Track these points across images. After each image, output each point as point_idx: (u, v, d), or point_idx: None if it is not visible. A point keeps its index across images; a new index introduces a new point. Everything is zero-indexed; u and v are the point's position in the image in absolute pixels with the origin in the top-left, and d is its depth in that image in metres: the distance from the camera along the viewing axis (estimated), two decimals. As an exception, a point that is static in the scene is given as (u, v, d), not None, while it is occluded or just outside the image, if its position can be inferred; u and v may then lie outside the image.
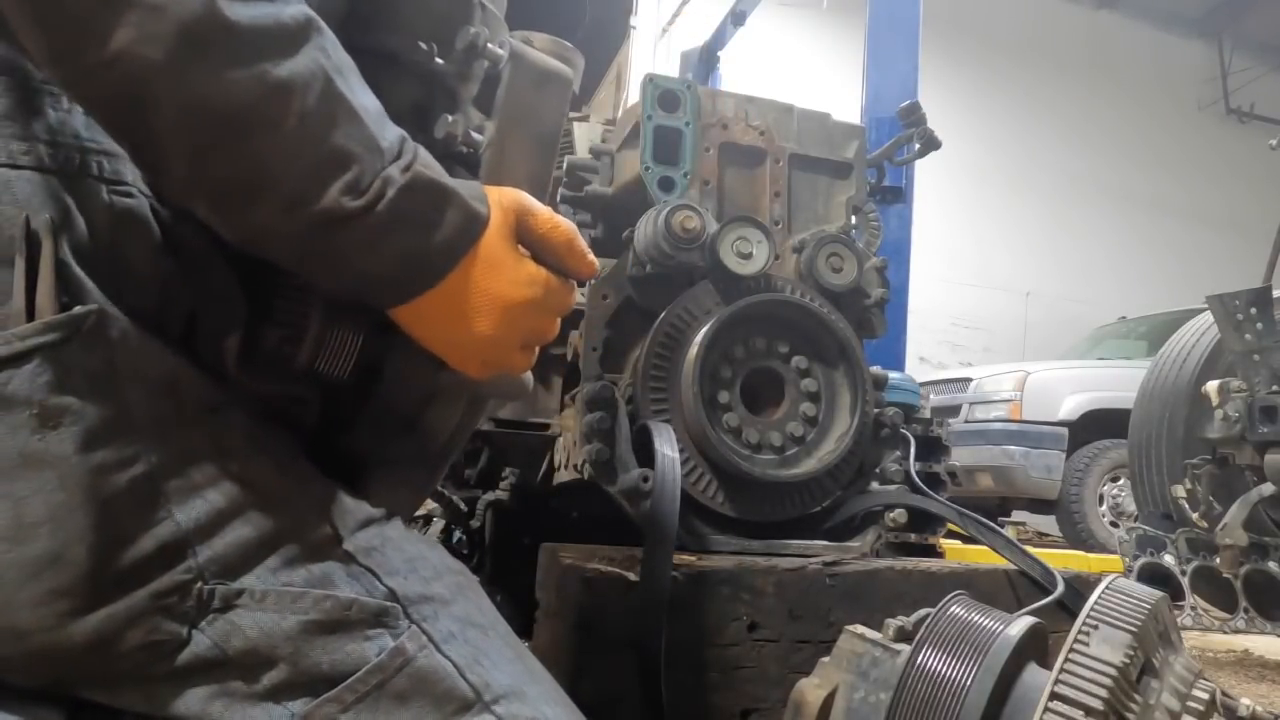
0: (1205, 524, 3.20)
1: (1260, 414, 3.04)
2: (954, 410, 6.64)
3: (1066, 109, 12.88)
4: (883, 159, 2.34)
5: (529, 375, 0.88)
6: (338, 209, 0.63)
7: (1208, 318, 3.55)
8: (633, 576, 1.30)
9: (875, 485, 1.78)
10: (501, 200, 0.74)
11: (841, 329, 1.70)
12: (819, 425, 1.69)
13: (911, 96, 3.81)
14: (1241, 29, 13.98)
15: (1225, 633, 3.10)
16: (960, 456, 6.14)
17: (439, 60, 0.80)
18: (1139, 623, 0.83)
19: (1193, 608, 3.10)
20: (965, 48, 11.79)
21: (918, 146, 2.32)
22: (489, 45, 0.83)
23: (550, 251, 0.77)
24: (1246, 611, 3.05)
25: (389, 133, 0.67)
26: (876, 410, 1.76)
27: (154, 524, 0.63)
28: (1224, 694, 0.87)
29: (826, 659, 0.98)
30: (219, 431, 0.67)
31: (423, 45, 0.79)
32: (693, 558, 1.43)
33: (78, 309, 0.61)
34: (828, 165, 1.86)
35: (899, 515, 1.75)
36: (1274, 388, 3.05)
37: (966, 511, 1.73)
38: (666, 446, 1.43)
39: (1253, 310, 3.12)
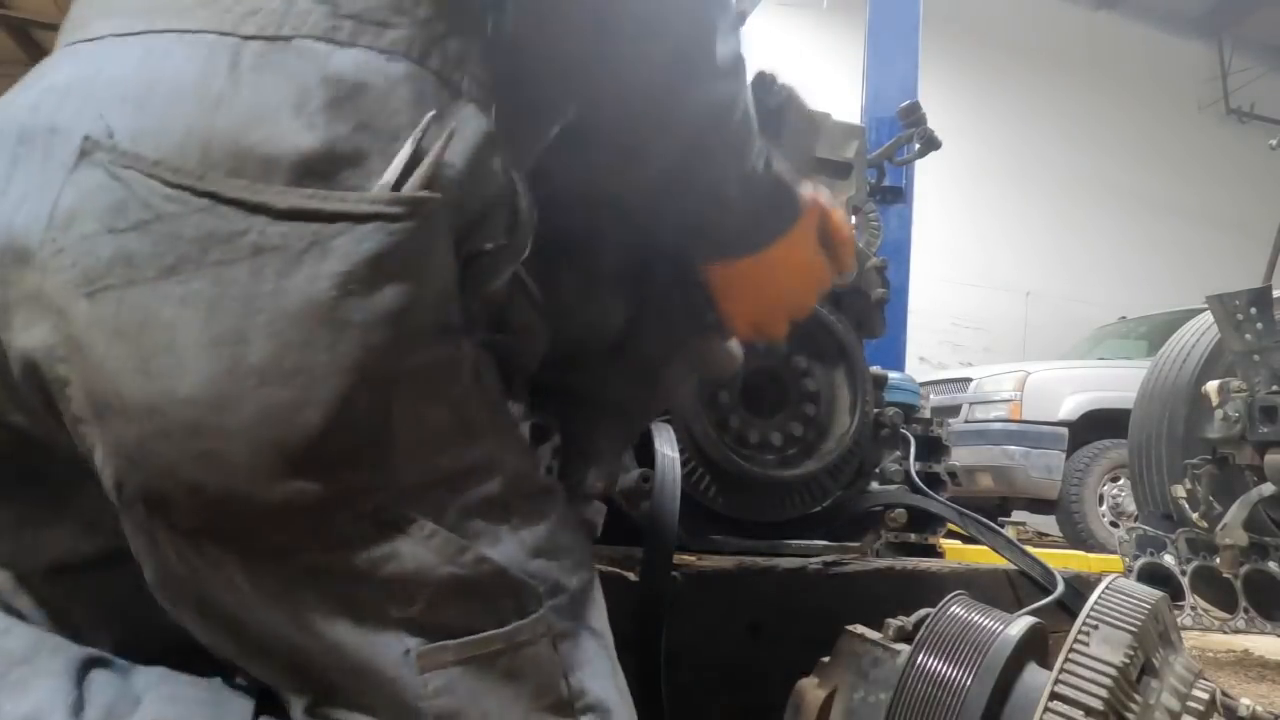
0: (1205, 524, 3.20)
1: (1260, 414, 3.03)
2: (954, 410, 6.63)
3: (1066, 109, 12.87)
4: (883, 159, 2.34)
5: (740, 353, 1.04)
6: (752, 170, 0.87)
7: (1208, 318, 3.54)
8: (633, 576, 1.30)
9: (875, 485, 1.78)
10: (813, 198, 0.95)
11: (841, 329, 1.70)
12: (819, 425, 1.69)
13: (911, 96, 3.81)
14: (1241, 29, 13.98)
15: (1225, 633, 3.09)
16: (960, 456, 6.13)
17: None
18: (1139, 623, 0.83)
19: (1193, 608, 3.10)
20: (965, 48, 11.79)
21: (918, 146, 2.32)
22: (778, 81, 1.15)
23: (834, 245, 0.98)
24: (1246, 611, 3.05)
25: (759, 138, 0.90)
26: (876, 410, 1.76)
27: (374, 424, 0.63)
28: (1224, 694, 0.87)
29: (826, 659, 0.98)
30: (457, 358, 0.69)
31: None
32: (693, 558, 1.43)
33: (424, 193, 0.63)
34: (828, 165, 1.86)
35: (899, 515, 1.75)
36: (1274, 388, 3.05)
37: (966, 511, 1.73)
38: (666, 446, 1.43)
39: (1253, 310, 3.11)
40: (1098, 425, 6.22)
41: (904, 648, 0.91)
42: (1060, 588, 1.48)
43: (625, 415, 1.02)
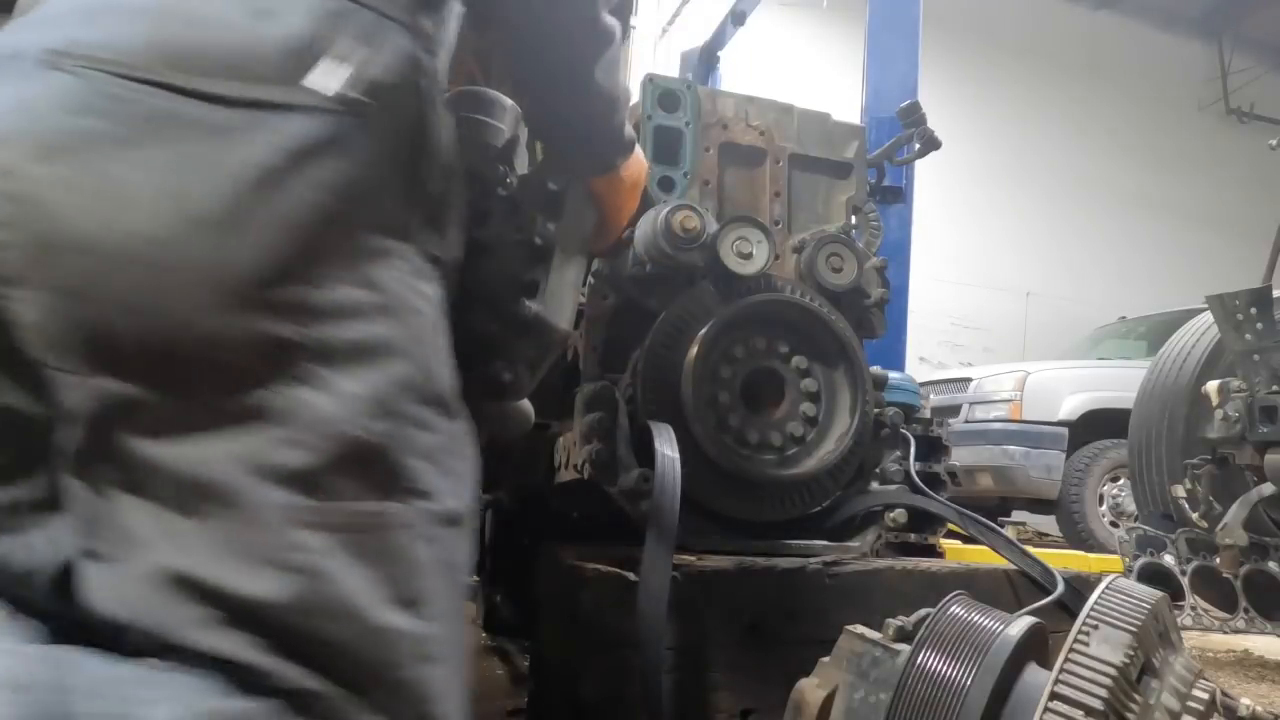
0: (1205, 524, 3.20)
1: (1260, 414, 3.04)
2: (954, 410, 6.63)
3: (1066, 109, 12.87)
4: (883, 159, 2.34)
5: (531, 412, 1.12)
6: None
7: (1208, 318, 3.54)
8: (633, 576, 1.30)
9: (875, 485, 1.78)
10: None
11: (841, 329, 1.70)
12: (819, 425, 1.69)
13: (911, 96, 3.81)
14: (1241, 29, 13.97)
15: (1225, 633, 3.09)
16: (960, 456, 6.13)
17: (508, 179, 1.06)
18: (1139, 623, 0.83)
19: (1193, 608, 3.10)
20: (965, 48, 11.78)
21: (918, 146, 2.32)
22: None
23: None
24: (1246, 611, 3.05)
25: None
26: (876, 410, 1.76)
27: (307, 286, 0.69)
28: (1224, 694, 0.87)
29: (826, 659, 0.98)
30: (401, 257, 0.76)
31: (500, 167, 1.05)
32: (693, 558, 1.43)
33: (362, 96, 0.72)
34: (828, 165, 1.86)
35: (899, 515, 1.75)
36: (1274, 388, 3.05)
37: (966, 511, 1.73)
38: (666, 446, 1.43)
39: (1253, 310, 3.11)
40: (1098, 425, 6.21)
41: (904, 648, 0.91)
42: (1060, 588, 1.48)
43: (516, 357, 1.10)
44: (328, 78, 0.72)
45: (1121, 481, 6.04)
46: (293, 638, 0.65)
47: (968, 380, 6.85)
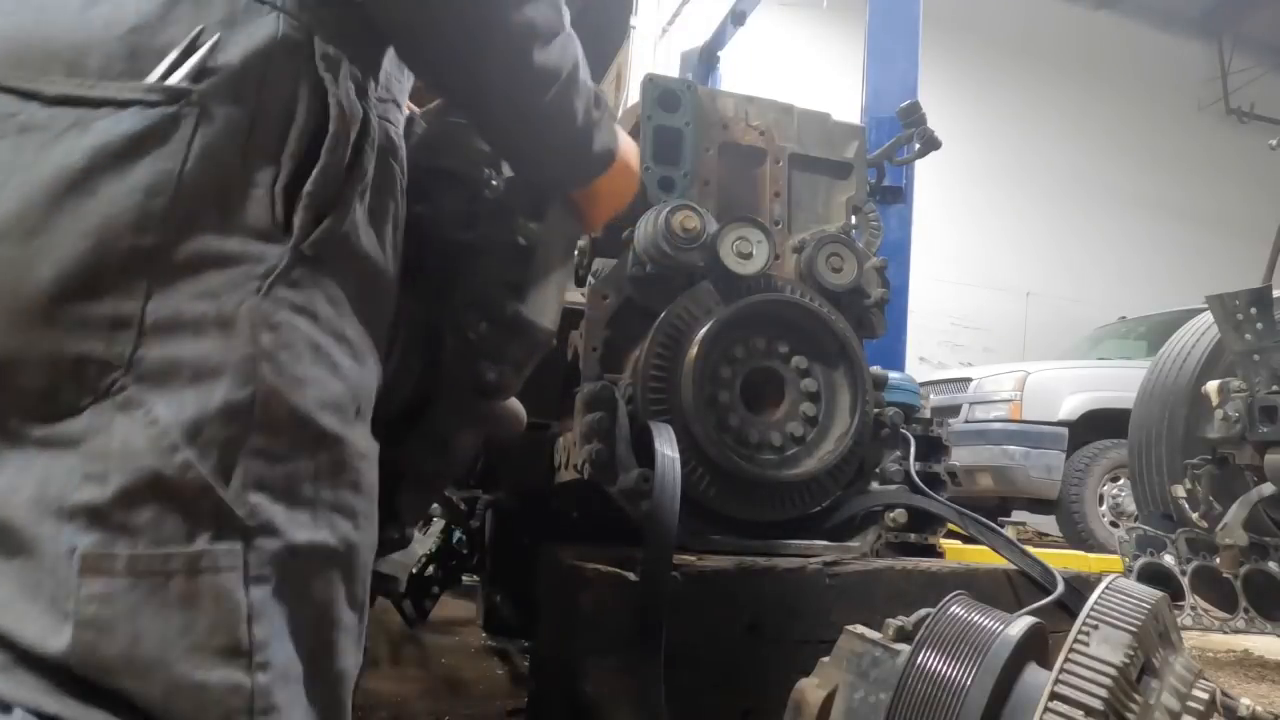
0: (1205, 524, 3.20)
1: (1260, 414, 3.04)
2: (954, 410, 6.63)
3: (1066, 109, 12.87)
4: (883, 159, 2.34)
5: (523, 412, 1.14)
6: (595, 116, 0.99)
7: (1208, 318, 3.54)
8: (633, 576, 1.30)
9: (875, 485, 1.78)
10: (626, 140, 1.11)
11: (841, 329, 1.70)
12: (819, 425, 1.69)
13: (911, 96, 3.81)
14: (1241, 29, 13.97)
15: (1225, 633, 3.09)
16: (960, 456, 6.13)
17: (493, 181, 1.06)
18: (1139, 623, 0.83)
19: (1193, 608, 3.10)
20: (965, 47, 11.78)
21: (918, 146, 2.32)
22: None
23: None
24: (1246, 611, 3.05)
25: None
26: (876, 410, 1.75)
27: (126, 300, 0.63)
28: (1224, 694, 0.87)
29: (826, 659, 0.98)
30: (255, 267, 0.69)
31: (486, 170, 1.05)
32: (693, 558, 1.43)
33: (184, 84, 0.67)
34: (828, 165, 1.86)
35: (899, 515, 1.75)
36: (1274, 388, 3.05)
37: (966, 511, 1.73)
38: (666, 446, 1.43)
39: (1253, 310, 3.12)
40: (1098, 425, 6.22)
41: (904, 648, 0.91)
42: (1060, 588, 1.48)
43: (422, 483, 1.06)
44: (163, 68, 0.67)
45: (1121, 481, 6.05)
46: (92, 689, 0.59)
47: (968, 380, 6.86)
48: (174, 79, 0.66)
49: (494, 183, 1.06)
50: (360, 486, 0.75)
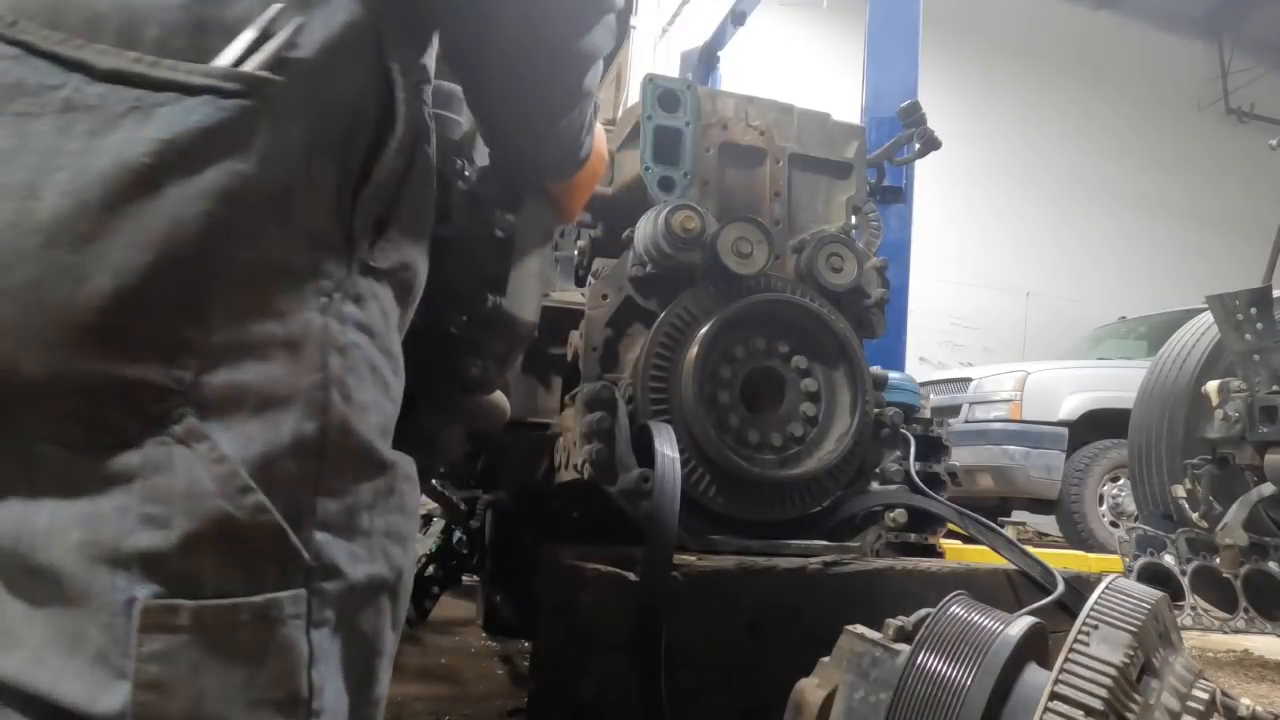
0: (1205, 524, 3.20)
1: (1260, 414, 3.04)
2: (954, 410, 6.63)
3: (1066, 109, 12.87)
4: (883, 159, 2.34)
5: (507, 405, 1.13)
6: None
7: (1208, 318, 3.55)
8: (633, 576, 1.30)
9: (875, 485, 1.78)
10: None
11: (841, 329, 1.70)
12: (819, 425, 1.69)
13: (911, 96, 3.81)
14: (1241, 29, 13.98)
15: (1225, 633, 3.10)
16: (960, 456, 6.13)
17: (465, 172, 1.03)
18: (1139, 623, 0.83)
19: (1193, 608, 3.10)
20: (965, 48, 11.78)
21: (918, 146, 2.32)
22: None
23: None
24: (1246, 611, 3.05)
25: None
26: (876, 410, 1.75)
27: (184, 314, 0.56)
28: (1224, 694, 0.87)
29: (826, 659, 0.98)
30: (313, 271, 0.63)
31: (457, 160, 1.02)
32: (693, 558, 1.43)
33: (264, 73, 0.58)
34: (828, 165, 1.86)
35: (899, 515, 1.75)
36: (1274, 388, 3.05)
37: (966, 511, 1.73)
38: (666, 446, 1.43)
39: (1253, 310, 3.12)
40: (1098, 425, 6.22)
41: (904, 648, 0.91)
42: (1060, 588, 1.48)
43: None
44: (236, 51, 0.58)
45: (1121, 481, 6.05)
46: None
47: (968, 380, 6.86)
48: (250, 65, 0.58)
49: (466, 174, 1.03)
50: (405, 508, 0.70)
